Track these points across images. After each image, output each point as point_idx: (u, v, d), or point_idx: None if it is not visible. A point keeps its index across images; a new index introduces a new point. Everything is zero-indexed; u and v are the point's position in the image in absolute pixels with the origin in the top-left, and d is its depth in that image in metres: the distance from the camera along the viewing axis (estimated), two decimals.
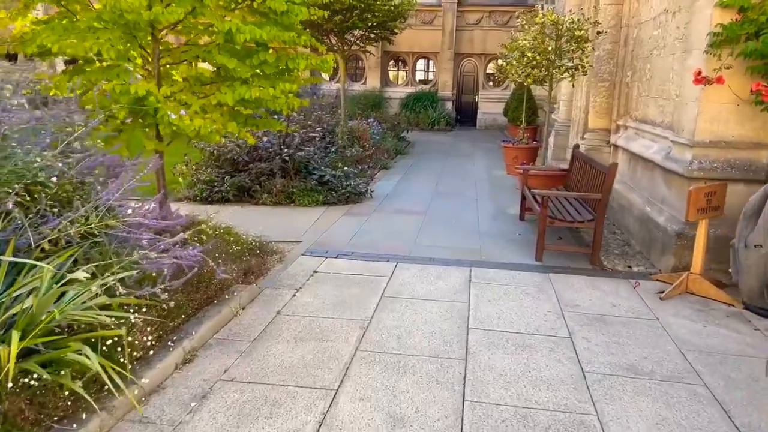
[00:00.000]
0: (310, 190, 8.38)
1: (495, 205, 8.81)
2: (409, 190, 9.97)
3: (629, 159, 7.44)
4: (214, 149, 8.77)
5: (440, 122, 21.79)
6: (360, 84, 24.06)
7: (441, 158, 14.32)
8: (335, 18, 14.85)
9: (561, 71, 7.51)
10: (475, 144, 17.66)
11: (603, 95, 8.23)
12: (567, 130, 11.11)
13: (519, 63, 7.88)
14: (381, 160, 12.45)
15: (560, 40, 7.63)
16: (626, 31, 7.85)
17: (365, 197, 8.95)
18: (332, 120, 12.56)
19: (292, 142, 8.69)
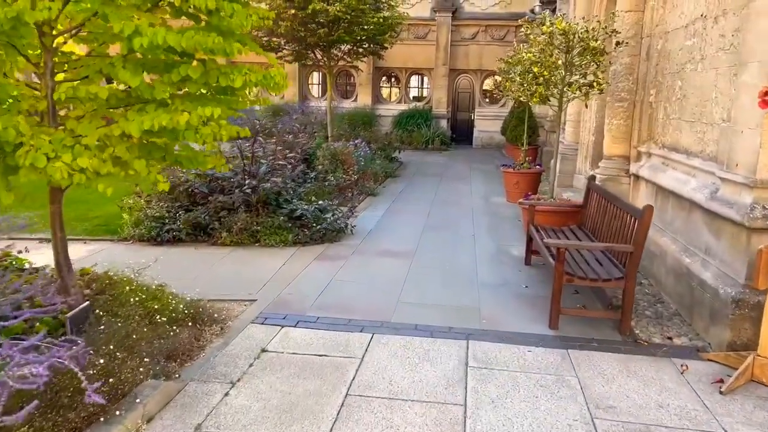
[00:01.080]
0: (278, 228, 7.13)
1: (495, 243, 7.58)
2: (397, 223, 8.73)
3: (655, 193, 6.23)
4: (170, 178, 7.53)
5: (434, 141, 20.63)
6: (351, 101, 22.94)
7: (434, 182, 13.11)
8: (319, 31, 13.75)
9: (573, 89, 6.32)
10: (471, 165, 16.49)
11: (621, 117, 7.04)
12: (574, 154, 9.93)
13: (523, 79, 6.70)
14: (367, 186, 11.24)
15: (571, 53, 6.45)
16: (648, 42, 6.69)
17: (345, 234, 7.71)
18: (312, 142, 11.34)
19: (258, 171, 7.45)
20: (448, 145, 21.09)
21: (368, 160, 12.60)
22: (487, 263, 6.65)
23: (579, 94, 6.53)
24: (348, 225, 7.84)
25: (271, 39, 14.55)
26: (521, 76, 6.70)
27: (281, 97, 23.05)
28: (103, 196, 3.32)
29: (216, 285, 5.52)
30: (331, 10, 13.19)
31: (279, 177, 7.54)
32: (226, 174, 7.34)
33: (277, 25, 13.51)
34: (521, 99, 7.12)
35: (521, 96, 6.90)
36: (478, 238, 7.89)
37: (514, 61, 6.97)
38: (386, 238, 7.69)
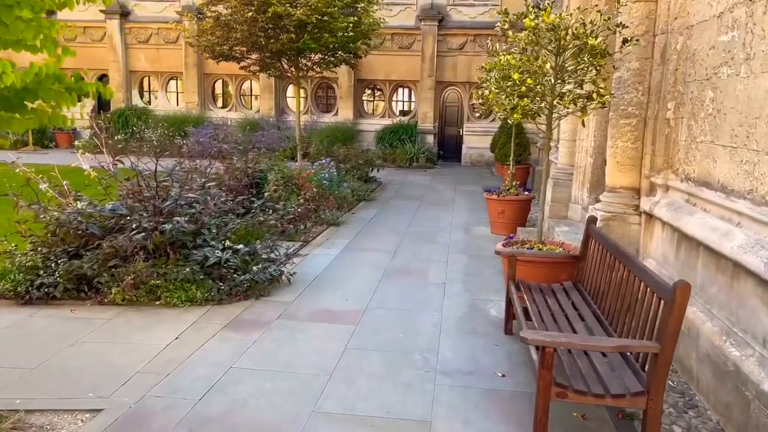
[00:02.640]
0: (186, 281, 5.50)
1: (469, 298, 5.96)
2: (352, 266, 7.11)
3: (677, 242, 4.64)
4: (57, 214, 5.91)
5: (419, 158, 19.09)
6: (331, 115, 21.42)
7: (412, 208, 11.50)
8: (282, 37, 12.20)
9: (566, 101, 4.71)
10: (456, 186, 14.91)
11: (628, 138, 5.46)
12: (569, 179, 8.34)
13: (500, 88, 5.12)
14: (330, 214, 9.63)
15: (563, 54, 4.87)
16: (664, 40, 5.12)
17: (279, 284, 6.09)
18: (261, 164, 9.73)
19: (165, 206, 5.82)
20: (435, 162, 19.55)
21: (335, 183, 10.99)
22: (454, 332, 5.02)
23: (574, 109, 4.94)
24: (283, 273, 6.21)
25: (233, 48, 12.97)
26: (498, 84, 5.12)
27: (256, 111, 21.56)
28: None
29: (59, 380, 3.89)
30: (295, 14, 11.64)
31: (196, 210, 5.90)
32: (119, 211, 5.71)
33: (233, 29, 11.96)
34: (499, 116, 5.54)
35: (498, 112, 5.31)
36: (450, 289, 6.27)
37: (489, 66, 5.39)
38: (331, 291, 6.06)
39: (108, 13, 21.17)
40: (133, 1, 21.31)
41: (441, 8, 20.12)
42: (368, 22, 13.26)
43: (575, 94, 4.76)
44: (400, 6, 20.18)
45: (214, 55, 13.43)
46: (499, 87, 5.11)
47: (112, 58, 21.48)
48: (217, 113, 21.65)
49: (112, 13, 21.14)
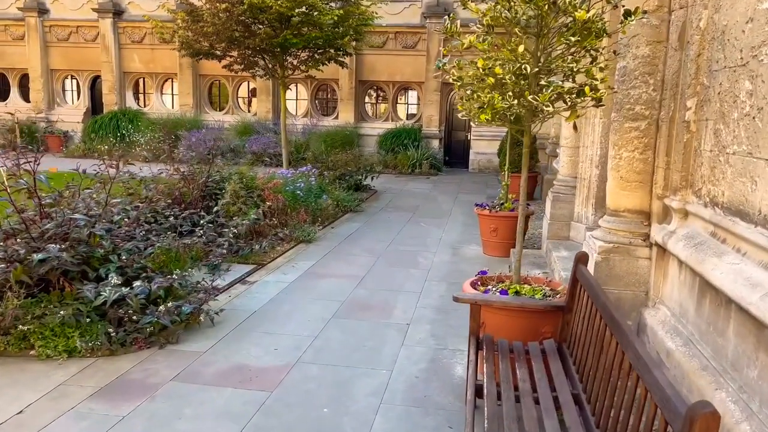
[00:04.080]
0: (68, 326, 4.34)
1: (433, 348, 4.72)
2: (304, 297, 5.91)
3: (700, 290, 3.36)
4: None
5: (422, 165, 17.82)
6: (332, 118, 20.30)
7: (401, 221, 10.28)
8: (260, 32, 11.08)
9: (544, 97, 3.42)
10: (458, 195, 13.64)
11: (635, 146, 4.18)
12: (570, 193, 7.05)
13: (463, 82, 3.88)
14: (303, 229, 8.44)
15: (546, 35, 3.62)
16: (683, 16, 3.83)
17: (200, 325, 4.92)
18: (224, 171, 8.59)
19: (45, 227, 4.66)
20: (439, 169, 18.28)
21: (313, 194, 9.81)
22: (399, 402, 3.79)
23: (559, 108, 3.67)
24: (207, 311, 5.03)
25: (213, 45, 11.87)
26: (458, 75, 3.87)
27: (253, 114, 20.52)
28: None
29: None
30: (273, 6, 10.51)
31: (80, 235, 4.74)
32: None
33: (205, 22, 10.86)
34: (462, 116, 4.29)
35: (463, 112, 4.06)
36: (413, 333, 5.03)
37: (445, 51, 4.11)
38: (261, 336, 4.86)
39: (101, 12, 20.35)
40: (127, 0, 20.45)
41: (448, 5, 18.86)
42: (359, 13, 12.06)
43: (560, 88, 3.49)
44: (404, 3, 18.98)
45: (192, 52, 12.37)
46: (458, 79, 3.87)
47: (105, 59, 20.62)
48: (213, 116, 20.66)
49: (105, 11, 20.31)
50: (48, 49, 21.06)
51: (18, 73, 21.64)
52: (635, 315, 4.29)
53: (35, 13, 20.57)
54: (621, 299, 4.29)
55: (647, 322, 4.10)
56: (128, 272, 5.11)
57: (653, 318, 4.05)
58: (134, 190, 7.69)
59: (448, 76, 3.90)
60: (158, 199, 7.65)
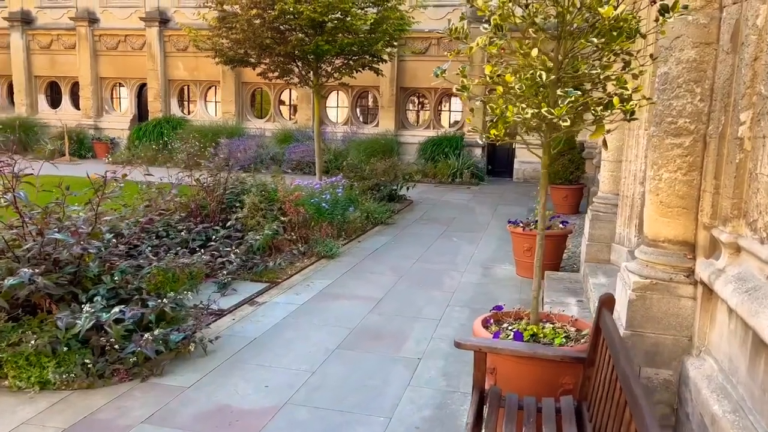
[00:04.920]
0: (43, 354, 4.03)
1: (443, 390, 4.18)
2: (311, 323, 5.47)
3: (754, 347, 2.73)
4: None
5: (463, 174, 17.20)
6: (372, 126, 19.92)
7: (433, 235, 9.75)
8: (291, 38, 10.78)
9: (560, 110, 2.85)
10: (497, 208, 12.98)
11: (677, 165, 3.56)
12: (612, 211, 6.38)
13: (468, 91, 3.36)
14: (324, 244, 8.03)
15: (569, 38, 3.07)
16: (736, 13, 3.21)
17: (190, 354, 4.54)
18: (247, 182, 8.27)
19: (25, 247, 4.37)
20: (481, 178, 17.61)
21: (339, 206, 9.40)
22: None
23: (582, 122, 3.10)
24: (201, 340, 4.65)
25: (247, 51, 11.66)
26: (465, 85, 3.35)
27: (294, 122, 20.37)
28: None
29: None
30: (305, 11, 10.19)
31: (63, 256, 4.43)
32: None
33: (233, 29, 10.64)
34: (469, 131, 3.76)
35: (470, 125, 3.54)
36: (423, 369, 4.51)
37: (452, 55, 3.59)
38: (254, 369, 4.44)
39: (148, 21, 20.65)
40: (173, 8, 20.67)
41: (494, 9, 18.17)
42: (394, 18, 11.61)
43: (582, 99, 2.92)
44: (447, 8, 18.42)
45: (226, 60, 12.21)
46: (462, 88, 3.35)
47: (151, 67, 20.91)
48: (255, 123, 20.62)
49: (152, 20, 20.59)
50: (97, 57, 21.52)
51: (69, 82, 22.21)
52: (676, 364, 3.65)
53: (86, 23, 21.06)
54: (659, 345, 3.66)
55: (690, 374, 3.46)
56: (122, 294, 4.81)
57: (697, 370, 3.40)
58: (152, 199, 7.47)
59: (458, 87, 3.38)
60: (174, 210, 7.40)
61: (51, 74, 22.28)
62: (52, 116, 21.85)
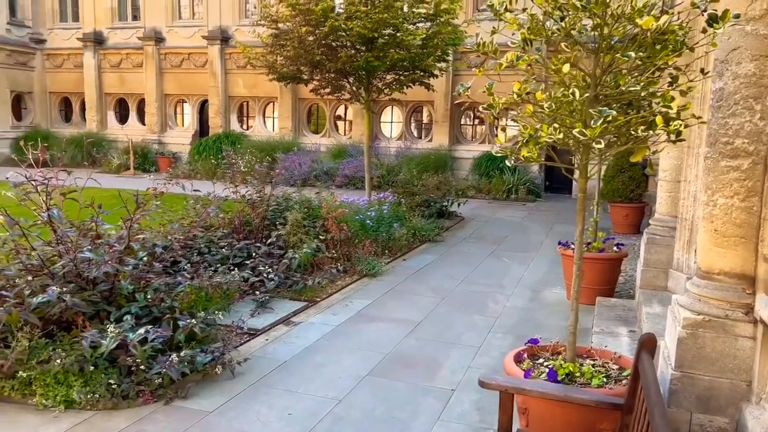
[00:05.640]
0: (70, 373, 4.04)
1: (476, 426, 3.92)
2: (345, 346, 5.31)
3: None
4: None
5: (518, 190, 16.76)
6: (426, 141, 19.77)
7: (482, 254, 9.45)
8: (341, 54, 10.79)
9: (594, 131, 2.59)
10: (553, 226, 12.50)
11: (734, 190, 3.21)
12: (669, 235, 5.95)
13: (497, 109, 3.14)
14: (366, 262, 7.89)
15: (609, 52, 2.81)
16: None
17: (218, 376, 4.47)
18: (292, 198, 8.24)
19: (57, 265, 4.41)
20: (538, 195, 17.11)
21: (385, 223, 9.25)
22: None
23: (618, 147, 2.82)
24: (228, 362, 4.56)
25: (299, 67, 11.77)
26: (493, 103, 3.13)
27: (348, 137, 20.47)
28: None
29: None
30: (355, 27, 10.17)
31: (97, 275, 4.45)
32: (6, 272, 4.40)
33: (284, 46, 10.74)
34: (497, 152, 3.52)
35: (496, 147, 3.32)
36: (456, 403, 4.27)
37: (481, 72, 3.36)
38: (279, 395, 4.31)
39: (210, 39, 21.29)
40: (234, 27, 21.24)
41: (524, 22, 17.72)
42: (446, 33, 11.42)
43: (622, 118, 2.65)
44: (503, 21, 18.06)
45: (278, 76, 12.36)
46: (489, 107, 3.13)
47: (213, 84, 21.53)
48: (310, 139, 20.84)
49: (214, 39, 21.23)
50: (163, 75, 22.35)
51: (136, 98, 23.16)
52: (733, 411, 3.27)
53: (153, 42, 21.94)
54: (713, 389, 3.29)
55: (748, 423, 3.09)
56: (154, 312, 4.80)
57: (756, 421, 3.03)
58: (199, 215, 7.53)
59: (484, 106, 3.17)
60: (218, 226, 7.45)
61: (120, 91, 23.30)
62: (119, 132, 22.81)
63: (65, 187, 4.99)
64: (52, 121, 24.28)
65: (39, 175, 4.62)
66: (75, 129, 23.53)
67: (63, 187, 5.01)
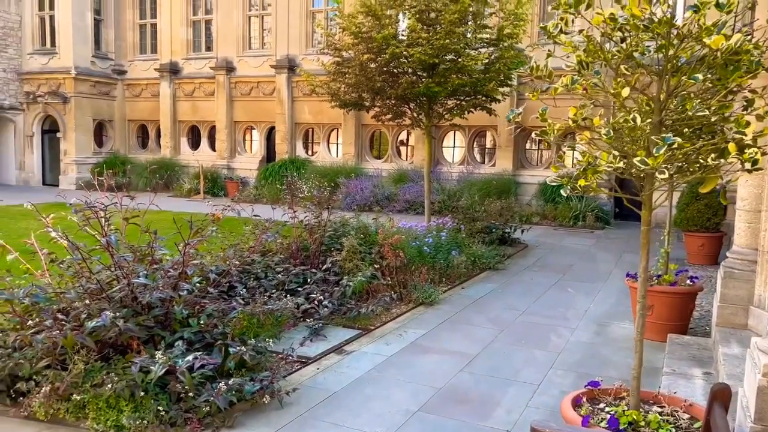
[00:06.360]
0: (121, 398, 4.08)
1: None
2: (395, 379, 5.15)
3: None
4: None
5: (586, 217, 16.18)
6: (489, 165, 19.49)
7: (545, 284, 9.09)
8: (402, 81, 10.80)
9: (657, 161, 2.37)
10: (622, 255, 11.93)
11: None
12: (749, 269, 5.48)
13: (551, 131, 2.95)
14: (422, 290, 7.72)
15: (677, 74, 2.59)
16: None
17: (266, 405, 4.40)
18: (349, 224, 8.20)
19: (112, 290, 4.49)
20: (607, 222, 16.46)
21: (443, 249, 9.07)
22: None
23: (686, 177, 2.58)
24: (277, 390, 4.50)
25: (361, 94, 11.90)
26: (550, 127, 2.94)
27: (410, 162, 20.47)
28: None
29: None
30: (416, 54, 10.18)
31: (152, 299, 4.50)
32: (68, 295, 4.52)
33: (346, 74, 10.87)
34: (551, 182, 3.31)
35: (551, 176, 3.13)
36: None
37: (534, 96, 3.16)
38: (327, 428, 4.19)
39: (278, 68, 21.92)
40: (300, 56, 21.79)
41: (579, 44, 17.20)
42: (508, 57, 11.24)
43: (688, 146, 2.42)
44: None
45: (340, 104, 12.52)
46: (543, 133, 2.95)
47: (279, 111, 22.10)
48: (373, 164, 20.96)
49: (281, 67, 21.83)
50: (233, 103, 23.16)
51: (208, 125, 24.07)
52: None
53: (224, 72, 22.82)
54: None
55: None
56: (207, 338, 4.82)
57: None
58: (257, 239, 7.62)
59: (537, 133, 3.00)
60: (276, 251, 7.50)
61: (192, 119, 24.31)
62: (191, 157, 23.73)
63: (133, 209, 5.15)
64: (129, 148, 25.57)
65: (101, 201, 4.76)
66: (150, 155, 24.68)
67: (128, 210, 5.17)
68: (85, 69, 23.87)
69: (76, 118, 23.76)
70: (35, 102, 24.28)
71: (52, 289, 4.72)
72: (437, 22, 10.49)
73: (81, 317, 4.26)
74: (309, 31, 21.94)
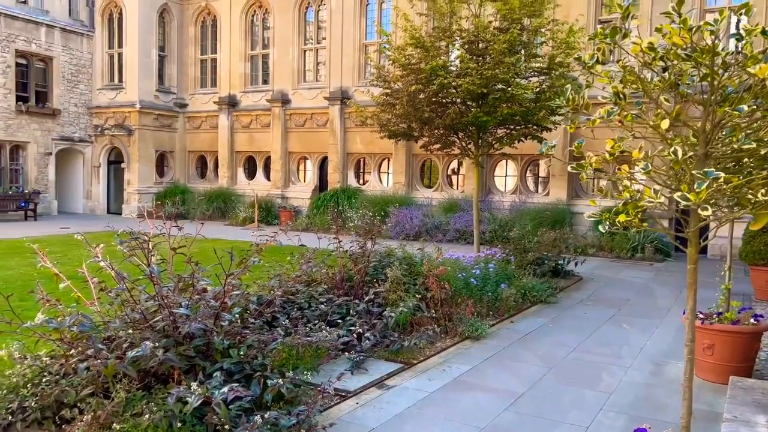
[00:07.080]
0: (159, 429, 4.11)
1: None
2: (436, 417, 5.00)
3: None
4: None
5: (644, 248, 15.60)
6: (542, 195, 19.14)
7: (600, 319, 8.74)
8: (450, 111, 10.79)
9: (699, 196, 2.22)
10: (681, 290, 11.33)
11: None
12: None
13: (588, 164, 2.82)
14: (468, 323, 7.55)
15: (714, 106, 2.45)
16: None
17: None
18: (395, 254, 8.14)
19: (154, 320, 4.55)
20: (667, 254, 15.80)
21: (491, 281, 8.87)
22: None
23: (734, 213, 2.41)
24: (315, 425, 4.44)
25: (410, 125, 11.97)
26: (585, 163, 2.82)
27: (461, 191, 20.34)
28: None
29: None
30: (462, 85, 10.18)
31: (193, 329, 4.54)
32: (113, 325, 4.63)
33: (394, 105, 10.96)
34: (588, 217, 3.16)
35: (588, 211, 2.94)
36: None
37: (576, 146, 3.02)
38: None
39: (331, 100, 22.37)
40: (353, 87, 22.17)
41: (616, 75, 16.71)
42: (560, 85, 11.07)
43: (735, 180, 2.27)
44: None
45: (389, 134, 12.61)
46: (578, 167, 2.83)
47: (332, 141, 22.47)
48: (423, 193, 20.95)
49: (334, 99, 22.27)
50: (287, 134, 23.73)
51: (263, 156, 24.71)
52: None
53: (279, 104, 23.46)
54: None
55: None
56: (246, 369, 4.83)
57: None
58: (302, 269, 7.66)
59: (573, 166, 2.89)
60: (320, 281, 7.52)
61: (249, 150, 25.02)
62: (246, 187, 24.35)
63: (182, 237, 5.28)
64: (189, 178, 26.49)
65: (148, 231, 4.89)
66: (208, 184, 25.48)
67: (176, 239, 5.30)
68: (149, 102, 25.03)
69: (140, 150, 24.85)
70: (102, 134, 25.59)
71: (100, 317, 4.85)
72: (486, 53, 10.47)
73: (123, 346, 4.34)
74: (362, 63, 22.35)
